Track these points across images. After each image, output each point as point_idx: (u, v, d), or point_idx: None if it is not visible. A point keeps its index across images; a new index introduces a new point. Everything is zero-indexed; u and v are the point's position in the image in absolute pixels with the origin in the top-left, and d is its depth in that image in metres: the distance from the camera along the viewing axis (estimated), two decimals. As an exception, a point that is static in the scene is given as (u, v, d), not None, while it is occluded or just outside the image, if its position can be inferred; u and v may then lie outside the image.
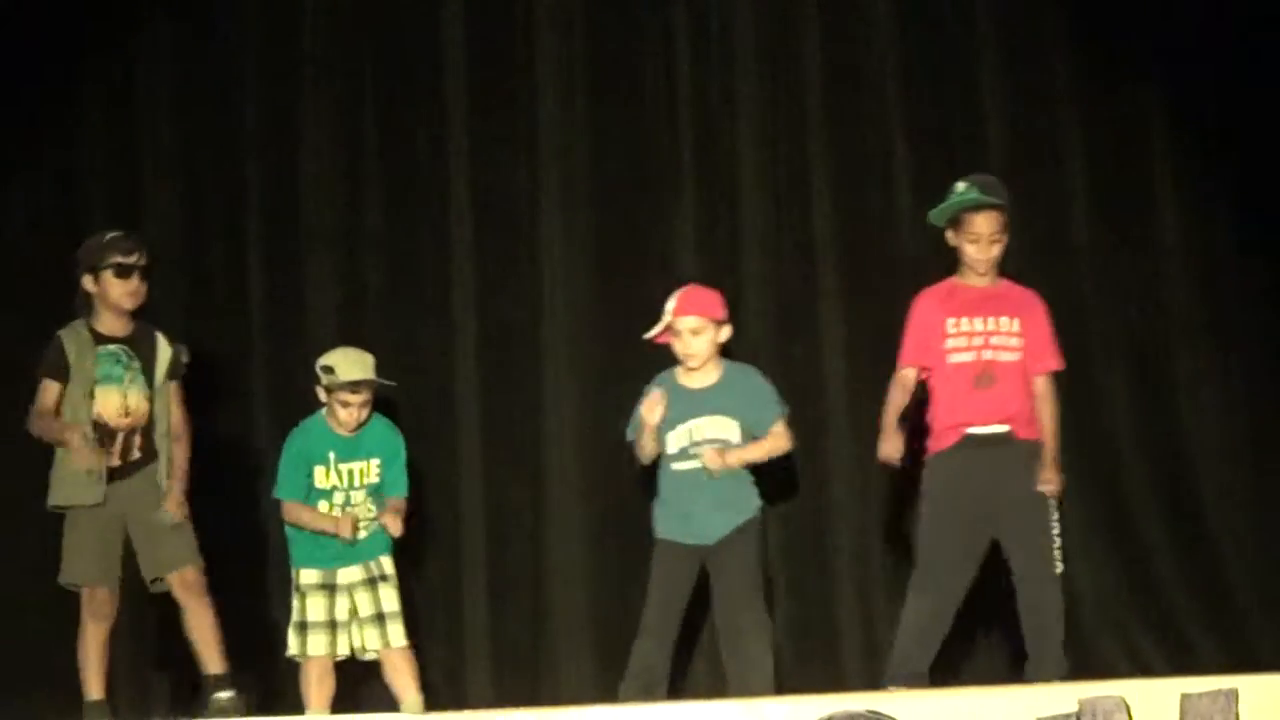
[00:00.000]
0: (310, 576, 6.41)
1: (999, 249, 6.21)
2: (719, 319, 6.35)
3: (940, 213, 6.25)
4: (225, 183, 7.62)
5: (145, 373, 6.41)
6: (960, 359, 6.19)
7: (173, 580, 6.33)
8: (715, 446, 6.26)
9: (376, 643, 6.39)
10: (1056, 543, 6.11)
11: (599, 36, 7.57)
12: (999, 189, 6.24)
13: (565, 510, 7.38)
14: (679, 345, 6.34)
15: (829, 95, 7.49)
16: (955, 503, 6.13)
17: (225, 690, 6.28)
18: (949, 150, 7.36)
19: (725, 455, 6.26)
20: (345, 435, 6.44)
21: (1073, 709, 5.08)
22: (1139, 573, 7.25)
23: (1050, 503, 6.14)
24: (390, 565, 6.43)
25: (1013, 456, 6.15)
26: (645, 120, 7.54)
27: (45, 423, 6.36)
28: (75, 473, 6.29)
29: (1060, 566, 6.13)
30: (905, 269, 7.26)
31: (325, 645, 6.37)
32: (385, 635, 6.39)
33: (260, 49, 7.65)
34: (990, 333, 6.19)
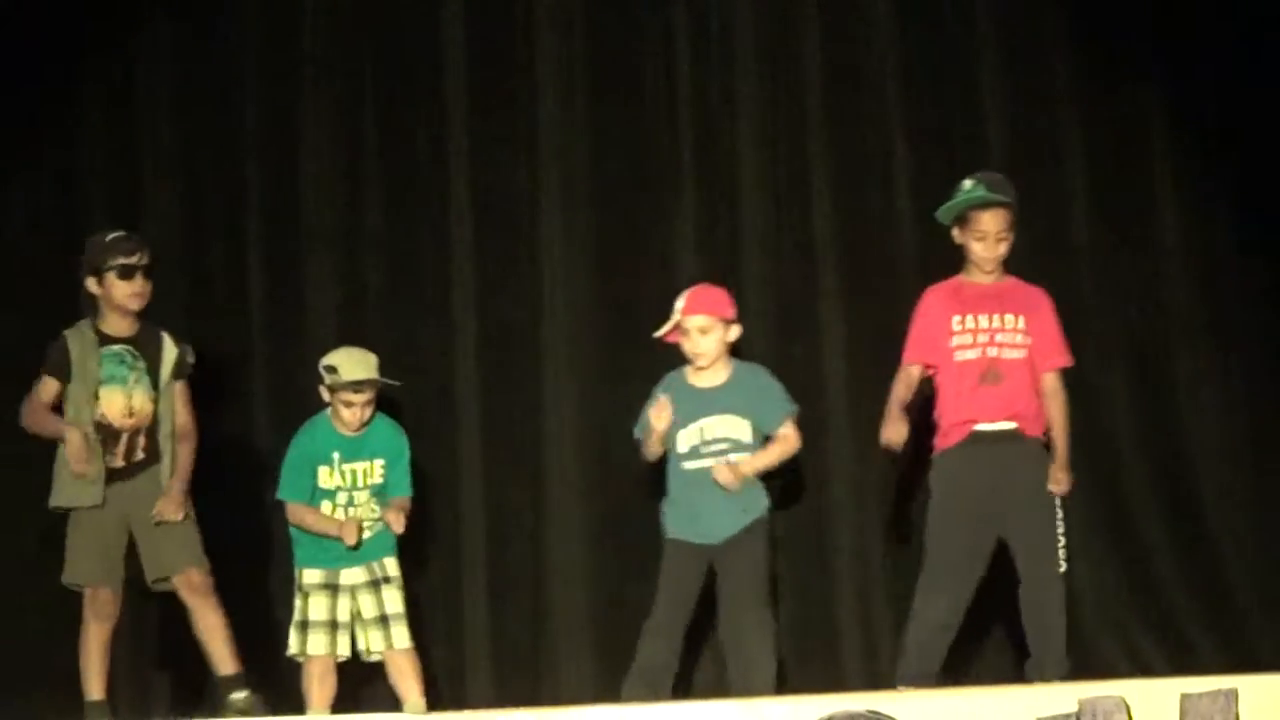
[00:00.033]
0: (313, 576, 6.42)
1: (1005, 247, 6.22)
2: (728, 318, 6.34)
3: (947, 210, 6.25)
4: (225, 183, 7.61)
5: (150, 373, 6.41)
6: (966, 356, 6.19)
7: (178, 582, 6.32)
8: (725, 462, 6.25)
9: (381, 644, 6.39)
10: (1061, 542, 6.12)
11: (599, 36, 7.56)
12: (1006, 187, 6.24)
13: (565, 510, 7.37)
14: (688, 344, 6.34)
15: (829, 95, 7.48)
16: (962, 500, 6.13)
17: (240, 691, 6.27)
18: (949, 150, 7.36)
19: (737, 468, 6.26)
20: (349, 435, 6.44)
21: (1073, 709, 5.08)
22: (1139, 573, 7.24)
23: (1056, 501, 6.14)
24: (394, 567, 6.43)
25: (1020, 454, 6.15)
26: (645, 120, 7.54)
27: (40, 416, 6.35)
28: (77, 475, 6.29)
29: (1064, 566, 6.14)
30: (905, 269, 7.27)
31: (326, 645, 6.37)
32: (389, 637, 6.39)
33: (260, 49, 7.64)
34: (995, 330, 6.20)
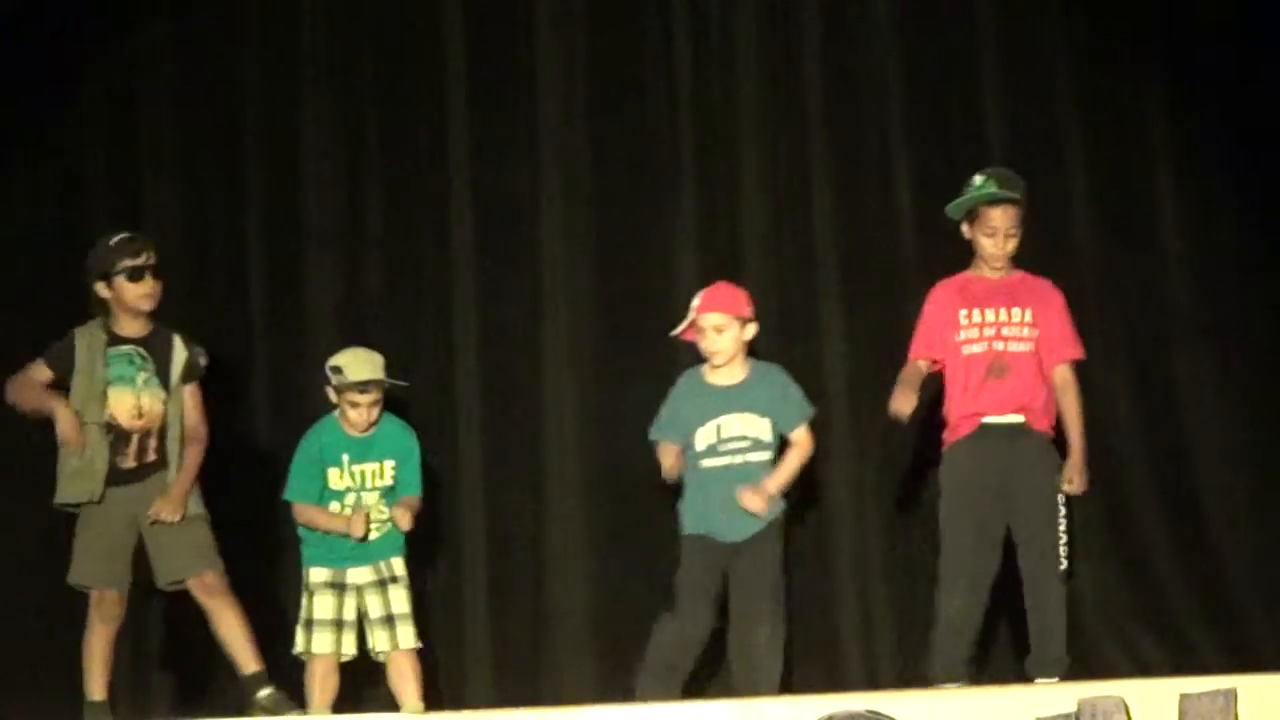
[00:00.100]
0: (320, 575, 6.41)
1: (1014, 243, 6.24)
2: (744, 316, 6.34)
3: (957, 206, 6.27)
4: (225, 183, 7.61)
5: (160, 375, 6.39)
6: (973, 350, 6.21)
7: (193, 585, 6.30)
8: (748, 488, 6.23)
9: (386, 644, 6.38)
10: (1063, 539, 6.12)
11: (600, 36, 7.56)
12: (1016, 183, 6.26)
13: (565, 510, 7.37)
14: (703, 342, 6.34)
15: (829, 95, 7.48)
16: (971, 491, 6.15)
17: (265, 688, 6.25)
18: (949, 150, 7.36)
19: (763, 491, 6.25)
20: (358, 436, 6.44)
21: (1072, 709, 5.09)
22: (1139, 573, 7.24)
23: (1059, 499, 6.15)
24: (401, 567, 6.43)
25: (1027, 448, 6.16)
26: (645, 120, 7.54)
27: (26, 391, 6.30)
28: (76, 470, 6.28)
29: (1065, 563, 6.14)
30: (906, 269, 7.27)
31: (331, 643, 6.36)
32: (394, 637, 6.39)
33: (260, 49, 7.64)
34: (1002, 323, 6.22)
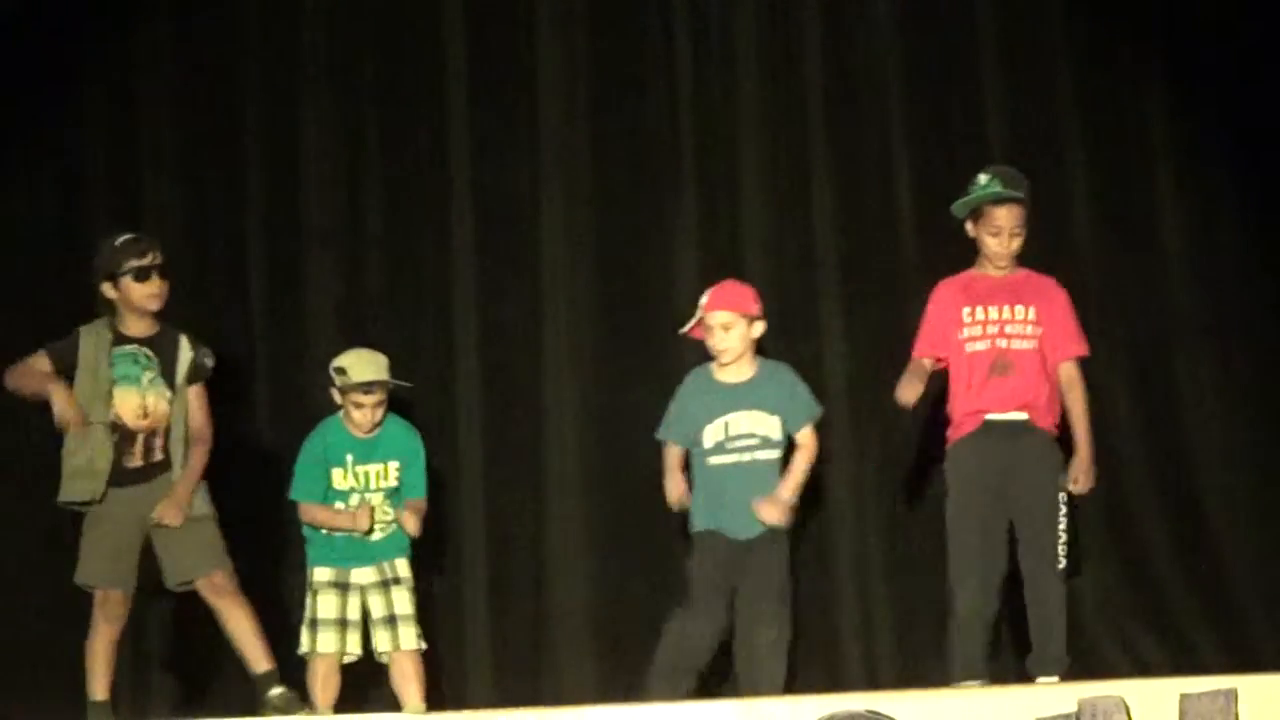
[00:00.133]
0: (324, 574, 6.41)
1: (1019, 242, 6.24)
2: (751, 314, 6.34)
3: (962, 205, 6.27)
4: (225, 183, 7.61)
5: (165, 375, 6.38)
6: (976, 348, 6.22)
7: (202, 586, 6.29)
8: (765, 501, 6.23)
9: (388, 645, 6.38)
10: (1063, 538, 6.12)
11: (600, 36, 7.56)
12: (1020, 182, 6.26)
13: (565, 510, 7.37)
14: (711, 340, 6.34)
15: (829, 95, 7.48)
16: (976, 488, 6.16)
17: (276, 687, 6.24)
18: (949, 150, 7.36)
19: (779, 499, 6.25)
20: (362, 437, 6.44)
21: (1072, 709, 5.08)
22: (1139, 573, 7.24)
23: (1060, 498, 6.15)
24: (406, 568, 6.43)
25: (1030, 445, 6.17)
26: (646, 120, 7.54)
27: (26, 377, 6.27)
28: (78, 469, 6.28)
29: (1064, 562, 6.14)
30: (906, 269, 7.27)
31: (334, 643, 6.37)
32: (396, 637, 6.39)
33: (260, 49, 7.64)
34: (1005, 321, 6.22)
